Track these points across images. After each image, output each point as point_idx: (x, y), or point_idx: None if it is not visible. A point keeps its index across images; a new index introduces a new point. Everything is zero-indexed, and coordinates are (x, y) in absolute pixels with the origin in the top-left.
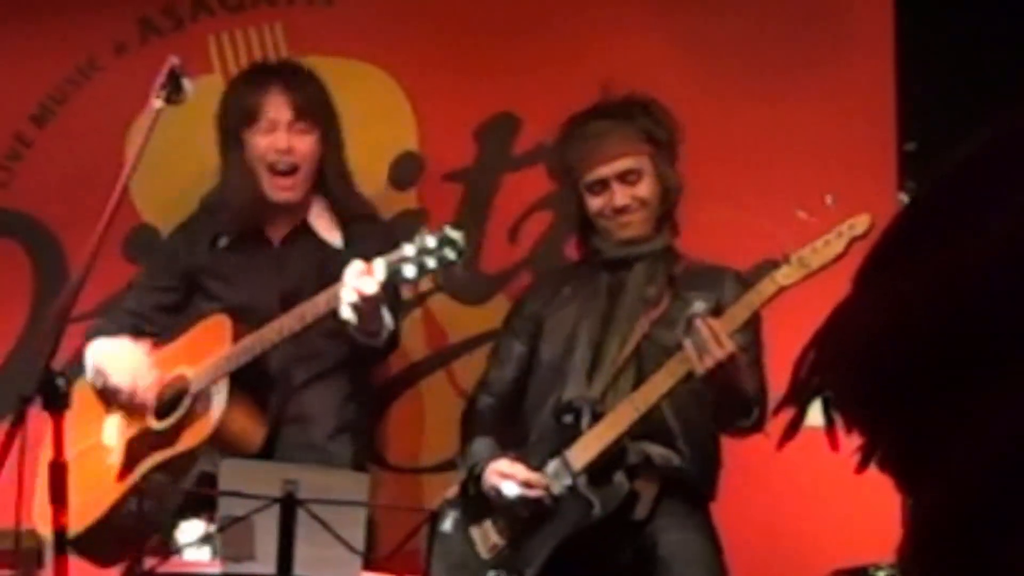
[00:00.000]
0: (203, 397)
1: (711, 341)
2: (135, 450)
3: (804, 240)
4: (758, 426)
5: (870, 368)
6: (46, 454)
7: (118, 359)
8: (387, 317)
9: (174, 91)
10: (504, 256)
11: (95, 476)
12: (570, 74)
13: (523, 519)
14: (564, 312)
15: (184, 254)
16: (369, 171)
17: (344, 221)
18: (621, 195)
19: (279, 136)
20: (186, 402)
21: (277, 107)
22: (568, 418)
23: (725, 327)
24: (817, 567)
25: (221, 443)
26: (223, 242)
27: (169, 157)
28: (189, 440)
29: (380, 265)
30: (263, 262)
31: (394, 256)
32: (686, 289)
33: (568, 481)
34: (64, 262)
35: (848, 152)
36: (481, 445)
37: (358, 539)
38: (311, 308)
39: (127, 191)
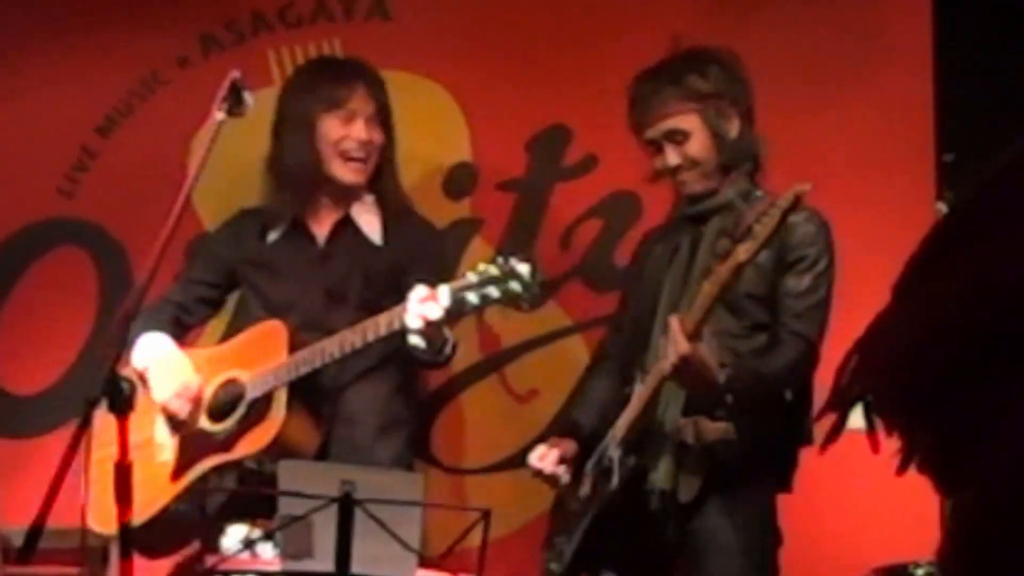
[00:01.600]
0: (260, 403)
1: (671, 343)
2: (189, 451)
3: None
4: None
5: (909, 373)
6: (101, 453)
7: (162, 368)
8: (450, 337)
9: (235, 104)
10: (556, 263)
11: (148, 473)
12: (620, 87)
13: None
14: (653, 269)
15: (230, 250)
16: (424, 181)
17: (386, 218)
18: (672, 155)
19: (358, 126)
20: (242, 408)
21: (361, 100)
22: (627, 389)
23: (688, 323)
24: (857, 566)
25: (279, 450)
26: (272, 236)
27: (230, 167)
28: (247, 446)
29: (445, 292)
30: (308, 259)
31: (459, 284)
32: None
33: (612, 453)
34: (128, 269)
35: (887, 162)
36: (594, 391)
37: (414, 538)
38: (373, 327)
39: (190, 200)
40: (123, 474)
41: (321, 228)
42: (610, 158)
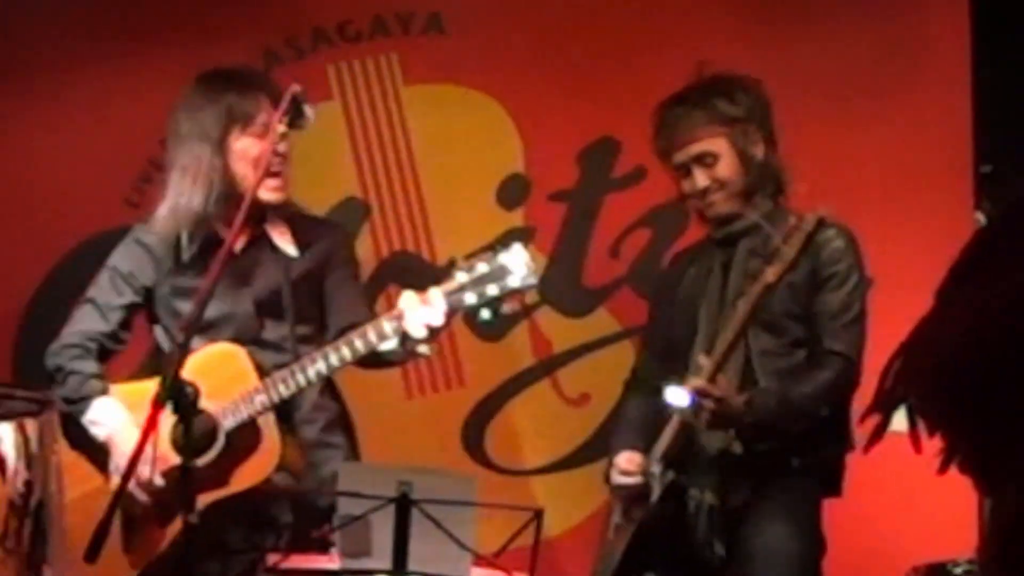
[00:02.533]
0: (245, 433)
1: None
2: (173, 488)
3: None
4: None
5: (951, 375)
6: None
7: (127, 436)
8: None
9: (296, 117)
10: (606, 271)
11: (142, 515)
12: None
13: (627, 507)
14: (690, 290)
15: (145, 270)
16: (478, 192)
17: (293, 227)
18: (701, 177)
19: (274, 139)
20: (220, 439)
21: (268, 112)
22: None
23: (717, 350)
24: (897, 564)
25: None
26: (188, 253)
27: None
28: (249, 478)
29: (437, 296)
30: (230, 273)
31: (450, 286)
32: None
33: (653, 469)
34: None
35: (926, 174)
36: (633, 409)
37: (468, 537)
38: (361, 339)
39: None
40: (187, 475)
41: (237, 244)
42: (658, 170)
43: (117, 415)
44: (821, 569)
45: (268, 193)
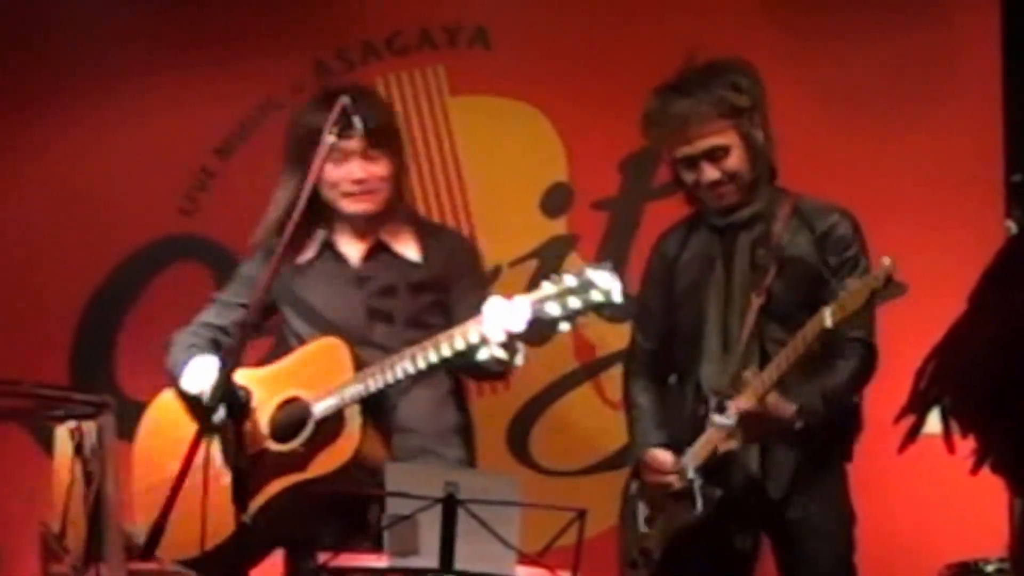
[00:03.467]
0: (332, 422)
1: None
2: (255, 472)
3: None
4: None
5: (984, 376)
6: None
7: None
8: (520, 347)
9: (345, 127)
10: None
11: (213, 497)
12: None
13: (662, 503)
14: (690, 278)
15: (265, 271)
16: (523, 200)
17: (420, 235)
18: (710, 171)
19: (351, 166)
20: (310, 426)
21: (357, 140)
22: (701, 410)
23: (763, 384)
24: (929, 563)
25: (355, 466)
26: (305, 257)
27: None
28: (324, 465)
29: (524, 303)
30: (345, 279)
31: (537, 295)
32: (795, 235)
33: (690, 475)
34: None
35: (958, 182)
36: (642, 397)
37: (513, 536)
38: (447, 340)
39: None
40: (240, 476)
41: (353, 252)
42: None
43: (213, 369)
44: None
45: (351, 205)
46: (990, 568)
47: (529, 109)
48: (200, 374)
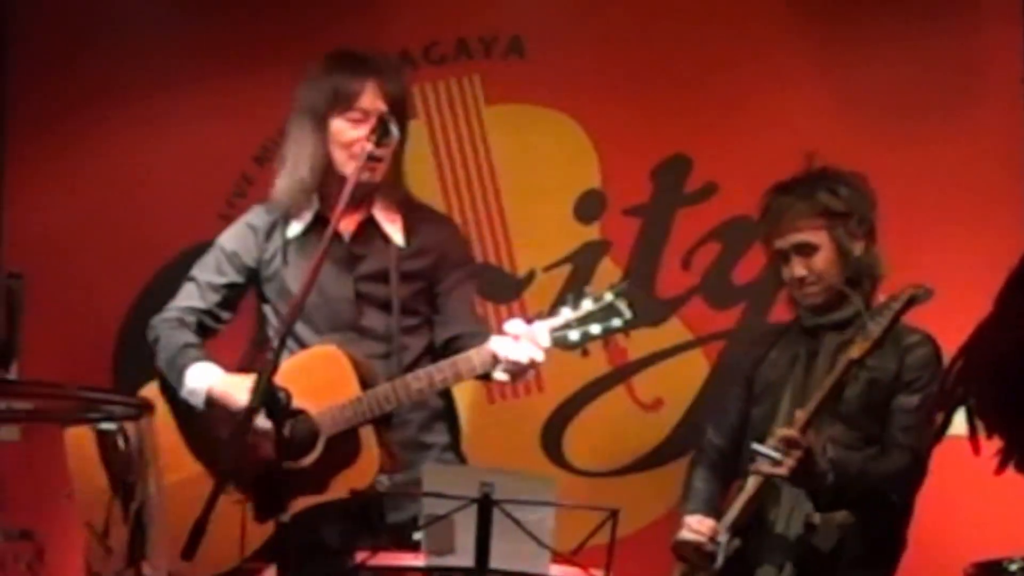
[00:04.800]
0: (344, 439)
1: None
2: (268, 488)
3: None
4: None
5: (1009, 376)
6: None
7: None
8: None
9: (383, 135)
10: (678, 282)
11: (225, 515)
12: (736, 120)
13: (692, 570)
14: (770, 374)
15: (250, 249)
16: (556, 206)
17: (406, 216)
18: (798, 266)
19: (367, 129)
20: (320, 445)
21: (371, 98)
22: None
23: (800, 418)
24: (954, 562)
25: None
26: (295, 230)
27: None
28: (345, 486)
29: (544, 332)
30: (337, 256)
31: (557, 322)
32: (883, 358)
33: (720, 539)
34: None
35: (983, 188)
36: (699, 482)
37: (547, 536)
38: (466, 365)
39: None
40: (278, 475)
41: (345, 227)
42: (728, 185)
43: (212, 373)
44: None
45: (359, 171)
46: (1014, 567)
47: (563, 117)
48: (202, 380)
